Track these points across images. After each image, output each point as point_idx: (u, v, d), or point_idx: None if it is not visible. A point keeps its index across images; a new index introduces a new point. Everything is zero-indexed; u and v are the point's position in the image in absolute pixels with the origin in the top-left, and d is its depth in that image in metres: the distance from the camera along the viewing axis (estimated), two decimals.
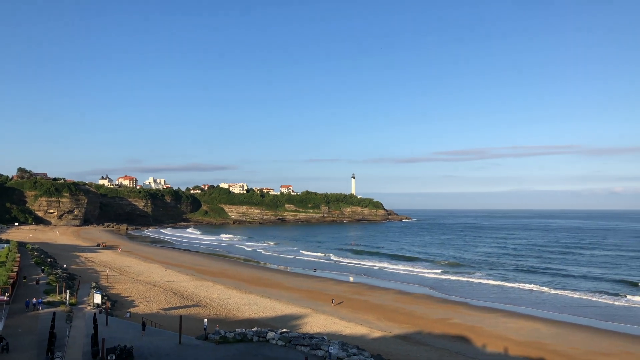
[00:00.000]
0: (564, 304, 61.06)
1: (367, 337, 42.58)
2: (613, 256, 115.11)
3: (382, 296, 65.55)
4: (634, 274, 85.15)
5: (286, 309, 54.12)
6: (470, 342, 42.98)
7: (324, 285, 73.86)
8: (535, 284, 76.07)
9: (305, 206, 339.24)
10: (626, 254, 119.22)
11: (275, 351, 31.15)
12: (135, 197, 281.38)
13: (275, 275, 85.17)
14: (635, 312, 56.61)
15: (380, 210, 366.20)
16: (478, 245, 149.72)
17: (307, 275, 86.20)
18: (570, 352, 39.80)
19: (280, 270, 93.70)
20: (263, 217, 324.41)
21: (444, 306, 59.09)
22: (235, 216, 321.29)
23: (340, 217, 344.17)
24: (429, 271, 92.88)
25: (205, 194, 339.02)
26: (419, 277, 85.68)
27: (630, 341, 43.68)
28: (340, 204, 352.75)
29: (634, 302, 62.11)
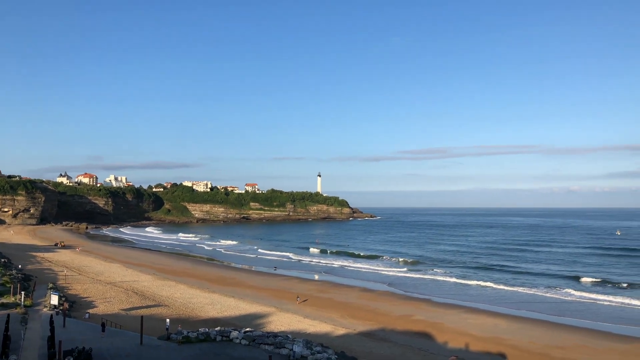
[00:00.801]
0: (522, 300, 62.71)
1: (331, 335, 42.73)
2: (568, 253, 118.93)
3: (347, 294, 65.92)
4: (587, 271, 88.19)
5: (250, 308, 53.81)
6: (432, 338, 43.65)
7: (288, 284, 73.76)
8: (495, 281, 77.89)
9: (271, 204, 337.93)
10: (581, 251, 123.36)
11: (239, 350, 30.89)
12: (95, 196, 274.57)
13: (239, 274, 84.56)
14: (587, 307, 58.63)
15: (346, 208, 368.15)
16: (440, 243, 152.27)
17: (272, 274, 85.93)
18: (529, 347, 40.88)
19: (245, 269, 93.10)
20: (227, 216, 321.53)
21: (407, 303, 59.83)
22: (199, 215, 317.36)
23: (306, 215, 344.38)
24: (393, 269, 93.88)
25: (168, 192, 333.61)
26: (383, 274, 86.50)
27: (584, 334, 45.20)
28: (306, 202, 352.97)
29: (585, 297, 64.21)
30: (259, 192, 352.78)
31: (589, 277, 79.32)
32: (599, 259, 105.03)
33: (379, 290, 69.58)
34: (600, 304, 60.10)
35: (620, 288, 70.30)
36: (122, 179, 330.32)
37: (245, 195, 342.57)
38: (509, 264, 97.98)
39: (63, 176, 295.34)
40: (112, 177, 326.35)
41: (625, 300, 61.15)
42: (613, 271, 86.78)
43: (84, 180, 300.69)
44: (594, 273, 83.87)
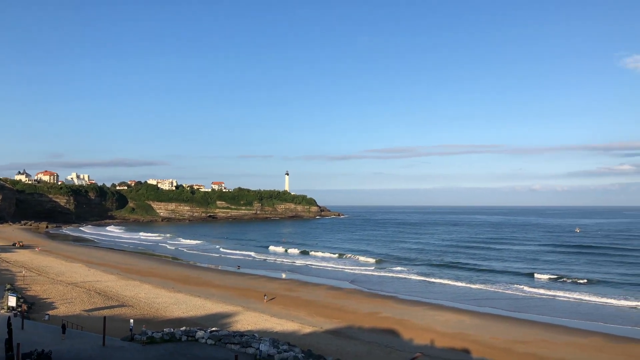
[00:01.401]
0: (484, 297, 64.10)
1: (298, 333, 42.71)
2: (529, 251, 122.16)
3: (314, 292, 66.01)
4: (546, 268, 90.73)
5: (216, 308, 53.30)
6: (398, 335, 44.12)
7: (255, 283, 73.37)
8: (458, 278, 79.55)
9: (238, 203, 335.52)
10: (541, 249, 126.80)
11: (205, 350, 30.56)
12: (56, 194, 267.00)
13: (205, 273, 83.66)
14: (546, 302, 60.35)
15: (314, 206, 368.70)
16: (406, 241, 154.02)
17: (239, 273, 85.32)
18: (492, 342, 41.77)
19: (211, 268, 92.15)
20: (193, 215, 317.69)
21: (373, 300, 60.30)
22: (164, 213, 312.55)
23: (273, 213, 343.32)
24: (359, 267, 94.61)
25: (132, 190, 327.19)
26: (349, 272, 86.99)
27: (544, 329, 46.48)
28: (274, 201, 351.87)
29: (544, 293, 66.10)
30: (225, 191, 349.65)
31: (548, 274, 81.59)
32: (558, 256, 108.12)
33: (346, 288, 69.94)
34: (559, 299, 61.95)
35: (577, 284, 72.47)
36: (84, 177, 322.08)
37: (211, 194, 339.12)
38: (472, 262, 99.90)
39: (22, 174, 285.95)
40: (74, 175, 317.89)
41: (582, 296, 63.13)
42: (571, 268, 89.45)
43: (44, 178, 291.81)
44: (553, 270, 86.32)
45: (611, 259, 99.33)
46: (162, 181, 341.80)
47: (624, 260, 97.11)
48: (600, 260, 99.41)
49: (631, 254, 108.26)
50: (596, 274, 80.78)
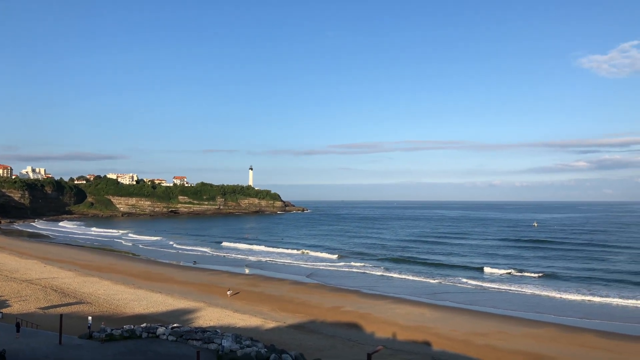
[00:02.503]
0: (445, 291, 65.45)
1: (261, 328, 42.65)
2: (488, 245, 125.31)
3: (277, 287, 65.95)
4: (504, 262, 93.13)
5: (178, 304, 52.65)
6: (361, 329, 44.58)
7: (217, 279, 72.77)
8: (420, 272, 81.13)
9: (200, 198, 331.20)
10: (499, 243, 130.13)
11: (166, 347, 30.17)
12: (10, 188, 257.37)
13: (167, 269, 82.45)
14: (503, 296, 62.15)
15: (278, 201, 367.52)
16: (369, 236, 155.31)
17: (201, 269, 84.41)
18: (452, 334, 42.70)
19: (173, 264, 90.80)
20: (154, 210, 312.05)
21: (336, 295, 60.70)
22: (124, 208, 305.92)
23: (237, 209, 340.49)
24: (323, 262, 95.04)
25: (91, 184, 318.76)
26: (313, 267, 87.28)
27: (501, 321, 47.88)
28: (237, 196, 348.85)
29: (501, 287, 67.96)
30: (188, 185, 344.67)
31: (506, 267, 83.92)
32: (515, 251, 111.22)
33: (309, 283, 70.17)
34: (515, 293, 63.75)
35: (532, 278, 74.72)
36: (40, 171, 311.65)
37: (173, 189, 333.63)
38: (432, 256, 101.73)
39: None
40: (29, 169, 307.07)
41: (536, 289, 65.21)
42: (527, 262, 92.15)
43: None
44: (510, 264, 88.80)
45: (566, 254, 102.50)
46: (123, 175, 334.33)
47: (578, 255, 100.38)
48: (555, 254, 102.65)
49: (584, 249, 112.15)
50: (551, 268, 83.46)
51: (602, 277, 73.10)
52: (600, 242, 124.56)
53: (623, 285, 66.73)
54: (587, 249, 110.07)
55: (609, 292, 62.19)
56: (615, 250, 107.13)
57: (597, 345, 39.69)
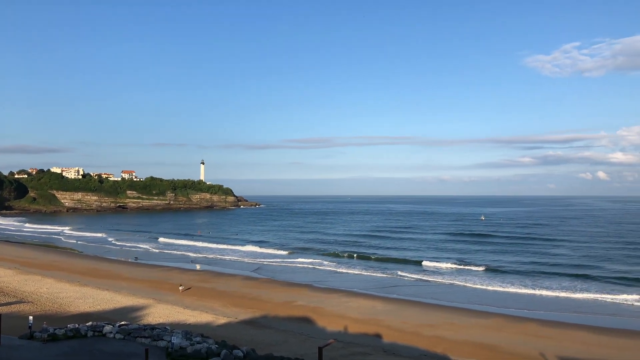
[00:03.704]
0: (394, 284, 66.67)
1: (212, 325, 42.10)
2: (437, 240, 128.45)
3: (229, 283, 65.28)
4: (451, 256, 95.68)
5: (126, 301, 51.24)
6: (313, 323, 44.73)
7: (168, 275, 71.34)
8: (370, 266, 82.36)
9: (150, 193, 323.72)
10: (447, 238, 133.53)
11: (113, 345, 29.29)
12: None
13: (115, 266, 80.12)
14: (450, 288, 63.92)
15: (230, 196, 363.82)
16: (321, 230, 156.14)
17: (150, 265, 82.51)
18: (403, 326, 43.47)
19: (122, 260, 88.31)
20: (102, 205, 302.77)
21: (288, 290, 60.67)
22: (70, 204, 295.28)
23: (188, 204, 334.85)
24: (275, 257, 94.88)
25: (34, 179, 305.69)
26: (265, 262, 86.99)
27: (449, 312, 49.14)
28: (188, 191, 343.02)
29: (448, 280, 69.79)
30: (136, 180, 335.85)
31: (453, 261, 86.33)
32: (462, 245, 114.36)
33: (261, 278, 69.82)
34: (462, 285, 65.50)
35: (478, 271, 77.01)
36: None
37: (121, 183, 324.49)
38: (384, 250, 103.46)
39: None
40: None
41: (482, 282, 67.47)
42: (473, 256, 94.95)
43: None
44: (458, 257, 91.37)
45: (510, 248, 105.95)
46: (68, 169, 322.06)
47: (521, 249, 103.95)
48: (500, 249, 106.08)
49: (527, 242, 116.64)
50: (496, 262, 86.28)
51: (544, 270, 76.08)
52: (543, 236, 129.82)
53: (563, 277, 69.75)
54: (530, 243, 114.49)
55: (550, 284, 64.97)
56: (556, 244, 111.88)
57: (540, 333, 41.37)
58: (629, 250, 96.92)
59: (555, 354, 35.69)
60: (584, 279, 68.21)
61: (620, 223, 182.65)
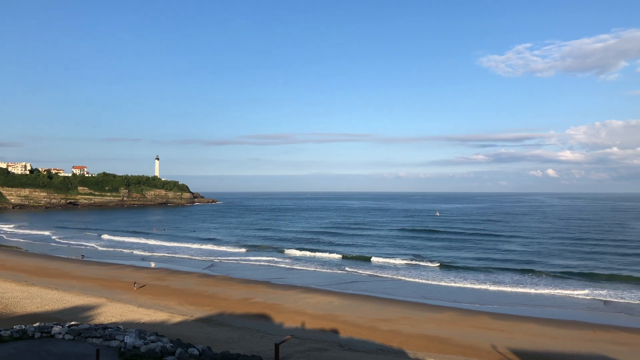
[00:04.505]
0: (351, 280, 67.22)
1: (167, 323, 41.33)
2: (393, 236, 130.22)
3: (184, 280, 64.26)
4: (406, 252, 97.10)
5: (77, 300, 49.66)
6: (270, 320, 44.59)
7: (121, 273, 69.58)
8: (328, 262, 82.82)
9: (102, 189, 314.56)
10: (402, 234, 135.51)
11: (62, 346, 28.34)
12: None
13: (65, 264, 77.53)
14: (405, 284, 65.01)
15: (186, 193, 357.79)
16: (279, 227, 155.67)
17: (102, 263, 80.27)
18: (359, 321, 43.90)
19: (72, 259, 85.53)
20: (51, 201, 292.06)
21: (245, 287, 60.26)
22: (16, 200, 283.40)
23: (142, 200, 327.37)
24: (232, 255, 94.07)
25: None
26: (222, 260, 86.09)
27: (405, 307, 50.02)
28: (142, 187, 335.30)
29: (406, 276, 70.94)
30: (88, 176, 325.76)
31: (409, 257, 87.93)
32: (418, 241, 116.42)
33: (218, 276, 69.04)
34: (417, 280, 66.73)
35: (432, 267, 78.49)
36: None
37: (72, 179, 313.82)
38: (342, 247, 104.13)
39: None
40: None
41: (436, 277, 68.93)
42: (428, 252, 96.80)
43: None
44: (412, 253, 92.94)
45: (463, 244, 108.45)
46: (14, 164, 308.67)
47: (473, 245, 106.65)
48: (455, 245, 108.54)
49: (480, 238, 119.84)
50: (450, 258, 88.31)
51: (495, 265, 78.19)
52: (495, 232, 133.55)
53: (513, 272, 72.02)
54: (482, 239, 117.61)
55: (501, 279, 67.01)
56: (507, 239, 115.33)
57: (492, 326, 42.61)
58: (576, 246, 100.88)
59: (505, 345, 36.84)
60: (534, 273, 70.64)
61: (569, 219, 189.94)
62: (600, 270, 71.92)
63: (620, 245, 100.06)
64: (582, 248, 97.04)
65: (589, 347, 36.78)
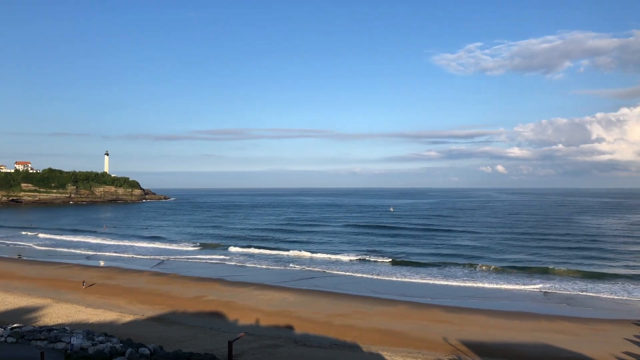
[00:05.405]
0: (307, 277, 67.42)
1: (117, 323, 40.22)
2: (347, 232, 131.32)
3: (135, 279, 62.71)
4: (360, 249, 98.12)
5: (20, 301, 47.63)
6: (224, 317, 44.12)
7: (68, 272, 67.21)
8: (281, 259, 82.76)
9: (48, 186, 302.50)
10: (357, 230, 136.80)
11: (4, 350, 27.13)
12: None
13: (5, 264, 74.21)
14: (358, 280, 65.72)
15: (137, 189, 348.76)
16: (232, 225, 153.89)
17: (49, 263, 77.33)
18: (313, 317, 44.03)
19: (14, 258, 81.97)
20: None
21: (198, 285, 59.38)
22: None
23: (91, 197, 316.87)
24: (185, 253, 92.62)
25: None
26: (173, 258, 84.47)
27: (358, 302, 50.60)
28: (91, 183, 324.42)
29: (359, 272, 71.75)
30: (33, 172, 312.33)
31: (362, 253, 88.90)
32: (371, 237, 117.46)
33: (170, 274, 67.68)
34: (371, 276, 67.54)
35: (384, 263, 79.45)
36: None
37: (15, 175, 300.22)
38: (296, 244, 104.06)
39: None
40: None
41: (389, 271, 70.10)
42: (381, 248, 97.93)
43: None
44: (365, 249, 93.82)
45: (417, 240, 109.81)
46: None
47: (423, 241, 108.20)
48: (408, 241, 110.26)
49: (431, 234, 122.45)
50: (403, 253, 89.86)
51: (447, 260, 79.83)
52: (446, 227, 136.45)
53: (464, 267, 73.93)
54: (433, 234, 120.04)
55: (453, 273, 68.82)
56: (457, 234, 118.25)
57: (443, 319, 43.63)
58: (523, 241, 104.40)
59: (456, 337, 37.79)
60: (484, 267, 72.66)
61: (517, 214, 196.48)
62: (545, 263, 74.75)
63: (565, 240, 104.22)
64: (528, 243, 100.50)
65: (534, 336, 38.23)
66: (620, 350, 34.25)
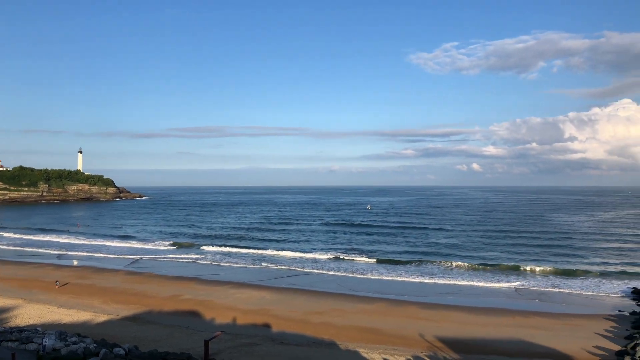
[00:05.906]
0: (285, 275, 67.32)
1: (90, 323, 39.54)
2: (325, 231, 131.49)
3: (110, 278, 61.74)
4: (339, 247, 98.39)
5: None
6: (201, 316, 43.74)
7: (40, 272, 65.83)
8: (258, 258, 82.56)
9: (19, 184, 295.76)
10: (334, 228, 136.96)
11: None
12: None
13: None
14: (339, 277, 66.01)
15: (111, 187, 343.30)
16: (208, 223, 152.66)
17: (20, 262, 75.62)
18: (291, 315, 43.97)
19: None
20: None
21: (174, 284, 58.78)
22: None
23: (64, 196, 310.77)
24: (160, 253, 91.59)
25: None
26: (149, 258, 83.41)
27: (336, 299, 50.74)
28: (64, 181, 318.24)
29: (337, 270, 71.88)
30: (3, 170, 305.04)
31: (340, 251, 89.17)
32: (348, 235, 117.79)
33: (145, 273, 66.82)
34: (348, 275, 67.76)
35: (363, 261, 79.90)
36: None
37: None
38: (273, 243, 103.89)
39: None
40: None
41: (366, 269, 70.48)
42: (358, 246, 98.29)
43: None
44: (343, 248, 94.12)
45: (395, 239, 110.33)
46: None
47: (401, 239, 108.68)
48: (387, 239, 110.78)
49: (408, 231, 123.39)
50: (380, 251, 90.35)
51: (423, 258, 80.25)
52: (422, 225, 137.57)
53: (440, 264, 74.54)
54: (411, 232, 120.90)
55: (429, 270, 69.52)
56: (434, 232, 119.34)
57: (420, 315, 44.02)
58: (498, 238, 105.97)
59: (432, 333, 38.15)
60: (460, 265, 73.51)
61: (492, 211, 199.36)
62: (519, 261, 76.00)
63: (538, 237, 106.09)
64: (503, 240, 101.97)
65: (509, 332, 38.83)
66: (592, 345, 35.03)
